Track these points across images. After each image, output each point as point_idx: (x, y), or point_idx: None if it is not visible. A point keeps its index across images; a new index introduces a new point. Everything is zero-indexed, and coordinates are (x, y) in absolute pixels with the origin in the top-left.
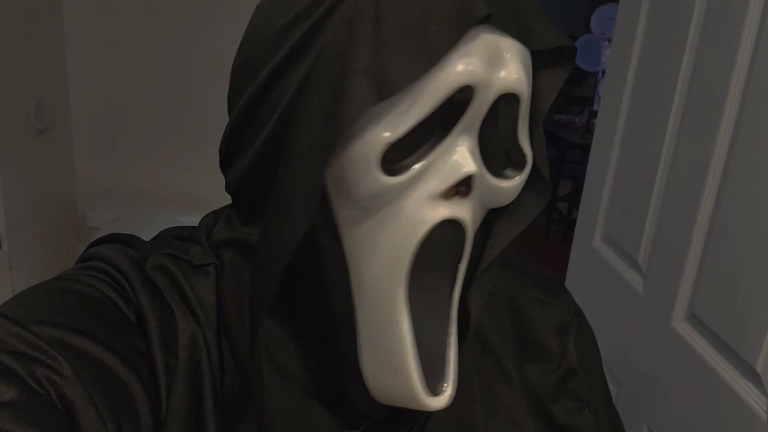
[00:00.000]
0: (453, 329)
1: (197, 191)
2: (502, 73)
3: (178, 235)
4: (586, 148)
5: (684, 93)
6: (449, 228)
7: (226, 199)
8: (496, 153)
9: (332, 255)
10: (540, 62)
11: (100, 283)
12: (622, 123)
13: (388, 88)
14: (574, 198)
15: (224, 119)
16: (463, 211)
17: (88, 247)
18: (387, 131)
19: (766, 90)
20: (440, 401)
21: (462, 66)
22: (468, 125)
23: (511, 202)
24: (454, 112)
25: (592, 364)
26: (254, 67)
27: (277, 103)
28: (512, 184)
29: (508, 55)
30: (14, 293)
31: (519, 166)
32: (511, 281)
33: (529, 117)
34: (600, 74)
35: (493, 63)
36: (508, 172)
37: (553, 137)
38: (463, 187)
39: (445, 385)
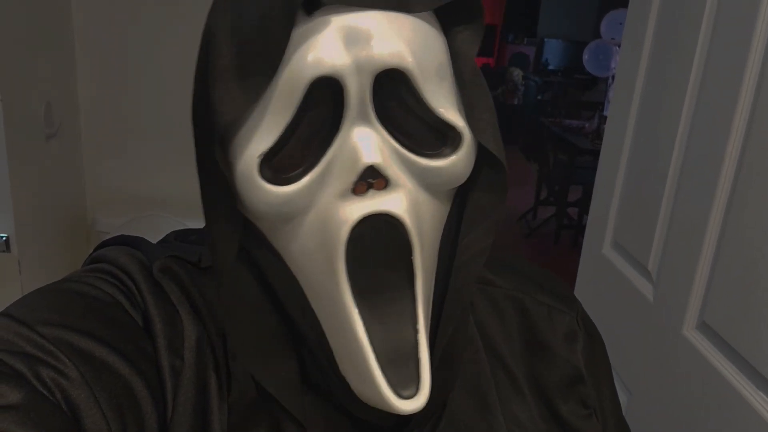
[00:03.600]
0: (420, 326)
1: None
2: (370, 51)
3: (185, 238)
4: (596, 154)
5: (694, 97)
6: (381, 222)
7: None
8: (421, 132)
9: (279, 270)
10: (448, 22)
11: (106, 285)
12: (631, 128)
13: (249, 96)
14: (585, 203)
15: None
16: (390, 203)
17: (95, 249)
18: (258, 144)
19: None
20: (412, 404)
21: (304, 59)
22: (358, 114)
23: (467, 198)
24: (340, 105)
25: (602, 373)
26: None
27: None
28: (449, 161)
29: (372, 30)
30: None
31: (454, 140)
32: (515, 283)
33: (457, 82)
34: (610, 79)
35: (354, 43)
36: (445, 150)
37: (563, 142)
38: (371, 180)
39: (417, 386)
